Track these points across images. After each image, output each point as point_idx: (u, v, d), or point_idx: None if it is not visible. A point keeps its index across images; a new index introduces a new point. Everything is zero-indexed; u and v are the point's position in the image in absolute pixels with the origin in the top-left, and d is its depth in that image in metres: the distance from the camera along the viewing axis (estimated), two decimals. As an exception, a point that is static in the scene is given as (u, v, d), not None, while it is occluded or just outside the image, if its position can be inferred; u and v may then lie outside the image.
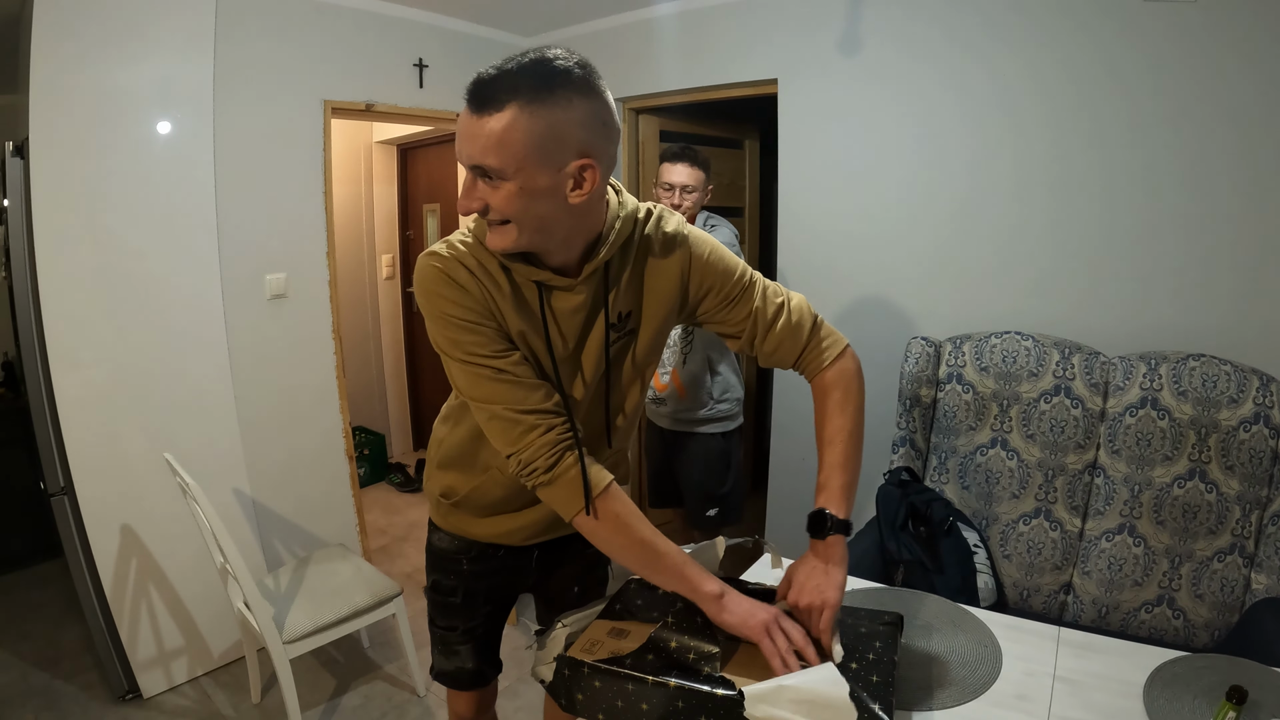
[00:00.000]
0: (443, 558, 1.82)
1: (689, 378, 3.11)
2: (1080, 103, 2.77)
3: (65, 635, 3.52)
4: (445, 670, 1.91)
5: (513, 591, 1.92)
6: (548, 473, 1.37)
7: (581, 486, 1.37)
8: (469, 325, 1.37)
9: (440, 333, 1.39)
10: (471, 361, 1.37)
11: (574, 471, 1.37)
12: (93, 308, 2.85)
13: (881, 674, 1.30)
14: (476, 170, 1.28)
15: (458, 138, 1.28)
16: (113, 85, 2.83)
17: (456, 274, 1.37)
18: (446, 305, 1.36)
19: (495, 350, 1.38)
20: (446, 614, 1.86)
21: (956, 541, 2.51)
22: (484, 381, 1.37)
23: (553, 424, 1.37)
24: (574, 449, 1.39)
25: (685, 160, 3.02)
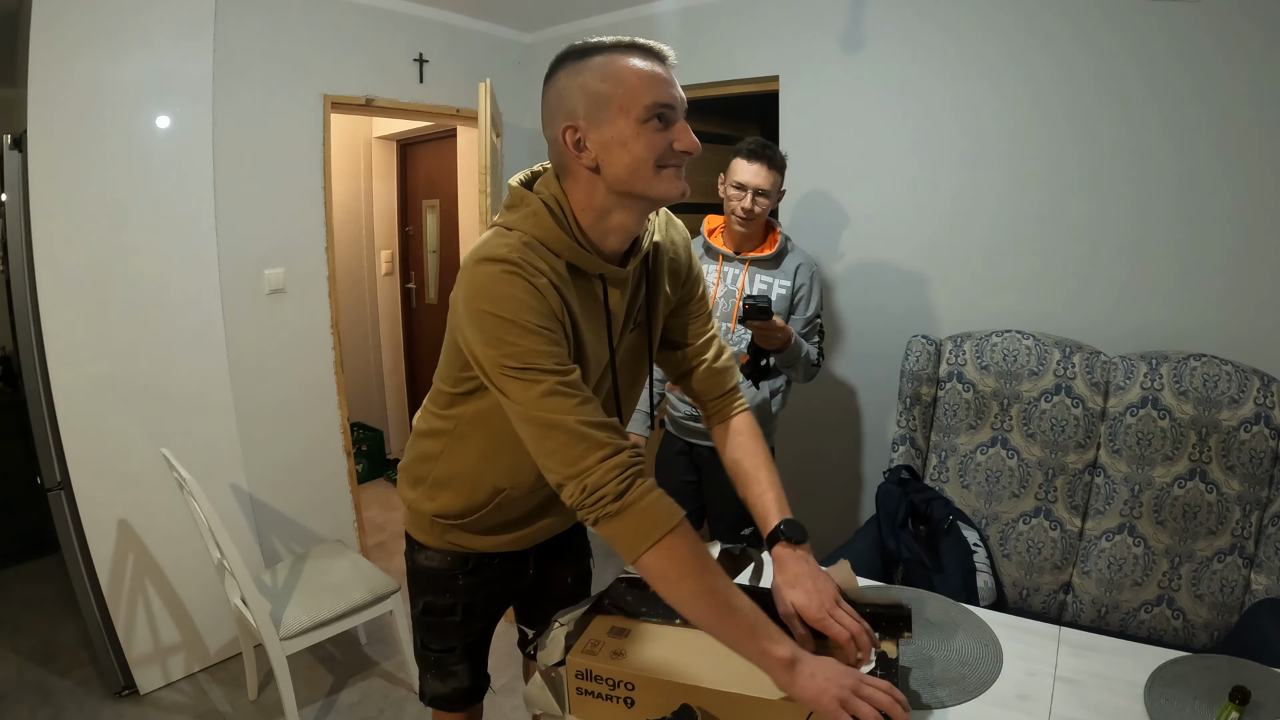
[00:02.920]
0: (435, 577, 1.72)
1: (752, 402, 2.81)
2: (1079, 102, 2.77)
3: (61, 631, 3.51)
4: (441, 694, 1.82)
5: (509, 597, 1.87)
6: (617, 500, 1.24)
7: (654, 518, 1.24)
8: (540, 331, 1.26)
9: (504, 339, 1.26)
10: (534, 369, 1.25)
11: (646, 501, 1.25)
12: (90, 302, 2.85)
13: (883, 670, 1.29)
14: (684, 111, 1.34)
15: (668, 84, 1.31)
16: (111, 79, 2.82)
17: (532, 276, 1.27)
18: (518, 309, 1.25)
19: (562, 360, 1.29)
20: (444, 635, 1.77)
21: (956, 540, 2.50)
22: (546, 391, 1.25)
23: (620, 445, 1.26)
24: (645, 475, 1.28)
25: (763, 160, 2.68)
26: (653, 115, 1.28)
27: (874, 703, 1.16)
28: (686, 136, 1.32)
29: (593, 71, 1.28)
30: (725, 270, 2.82)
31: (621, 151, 1.30)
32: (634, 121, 1.28)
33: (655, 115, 1.28)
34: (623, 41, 1.29)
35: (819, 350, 2.79)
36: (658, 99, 1.27)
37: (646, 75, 1.28)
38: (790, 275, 2.78)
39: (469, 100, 4.05)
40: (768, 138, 3.32)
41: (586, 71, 1.29)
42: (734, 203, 2.72)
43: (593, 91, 1.28)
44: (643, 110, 1.27)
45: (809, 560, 1.46)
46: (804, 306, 2.78)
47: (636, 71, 1.27)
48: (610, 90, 1.27)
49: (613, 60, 1.28)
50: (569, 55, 1.32)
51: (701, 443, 2.94)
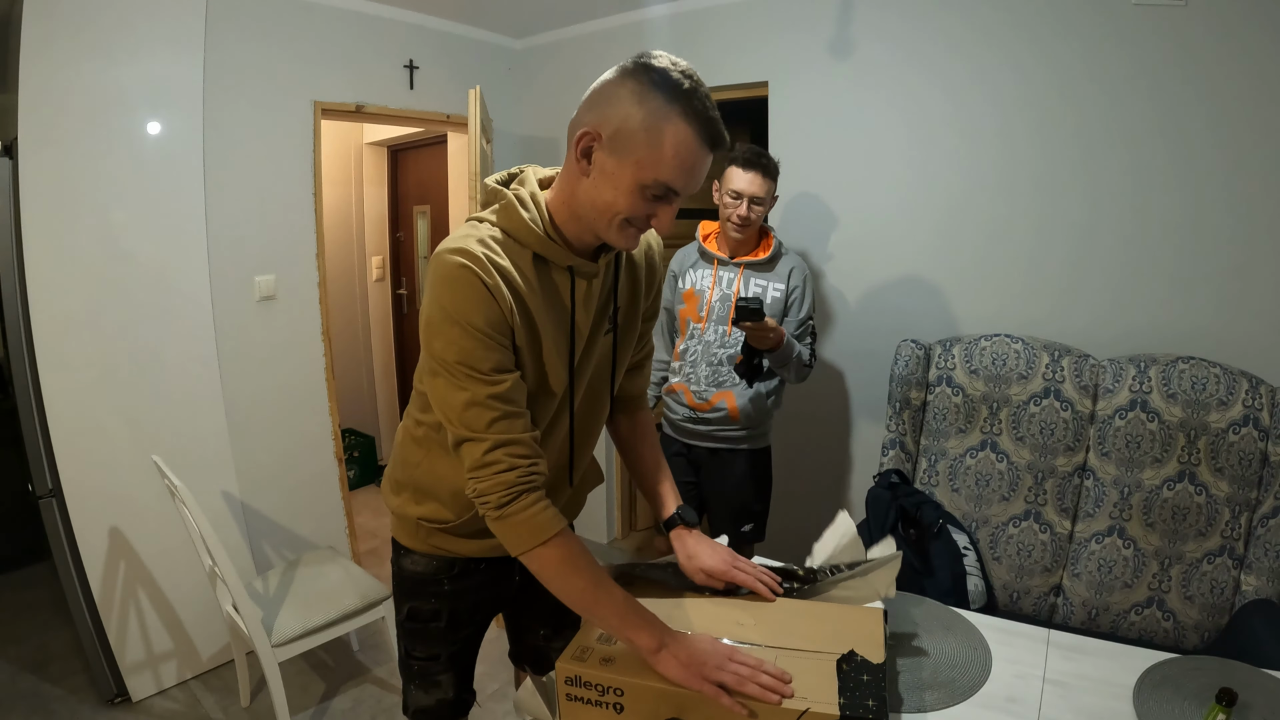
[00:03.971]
0: (420, 582, 1.72)
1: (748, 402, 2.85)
2: (1068, 106, 2.78)
3: (54, 638, 3.50)
4: (425, 707, 1.80)
5: (495, 605, 1.86)
6: (498, 509, 1.35)
7: (528, 531, 1.36)
8: (482, 336, 1.32)
9: (447, 336, 1.33)
10: (465, 373, 1.33)
11: (524, 515, 1.35)
12: (81, 309, 2.84)
13: (872, 674, 1.30)
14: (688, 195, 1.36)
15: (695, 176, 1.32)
16: (102, 85, 2.82)
17: (489, 278, 1.32)
18: (468, 310, 1.31)
19: (496, 368, 1.35)
20: (428, 643, 1.76)
21: (946, 544, 2.51)
22: (468, 401, 1.34)
23: (516, 464, 1.35)
24: (532, 492, 1.36)
25: (758, 169, 2.70)
26: (654, 188, 1.30)
27: (742, 672, 1.28)
28: (665, 219, 1.36)
29: (646, 111, 1.27)
30: (720, 274, 2.84)
31: (608, 188, 1.32)
32: (634, 180, 1.29)
33: (655, 190, 1.30)
34: (698, 109, 1.28)
35: (810, 351, 2.81)
36: (671, 182, 1.29)
37: (681, 154, 1.28)
38: (784, 278, 2.81)
39: (459, 106, 4.06)
40: (757, 143, 3.33)
41: (643, 106, 1.27)
42: (730, 210, 2.75)
43: (631, 127, 1.28)
44: (650, 180, 1.29)
45: (702, 536, 1.70)
46: (797, 308, 2.81)
47: (676, 144, 1.27)
48: (643, 141, 1.27)
49: (669, 117, 1.27)
50: (645, 75, 1.29)
51: (699, 444, 2.96)
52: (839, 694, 1.23)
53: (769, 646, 1.39)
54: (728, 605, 1.58)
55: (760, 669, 1.28)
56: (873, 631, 1.43)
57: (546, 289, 1.43)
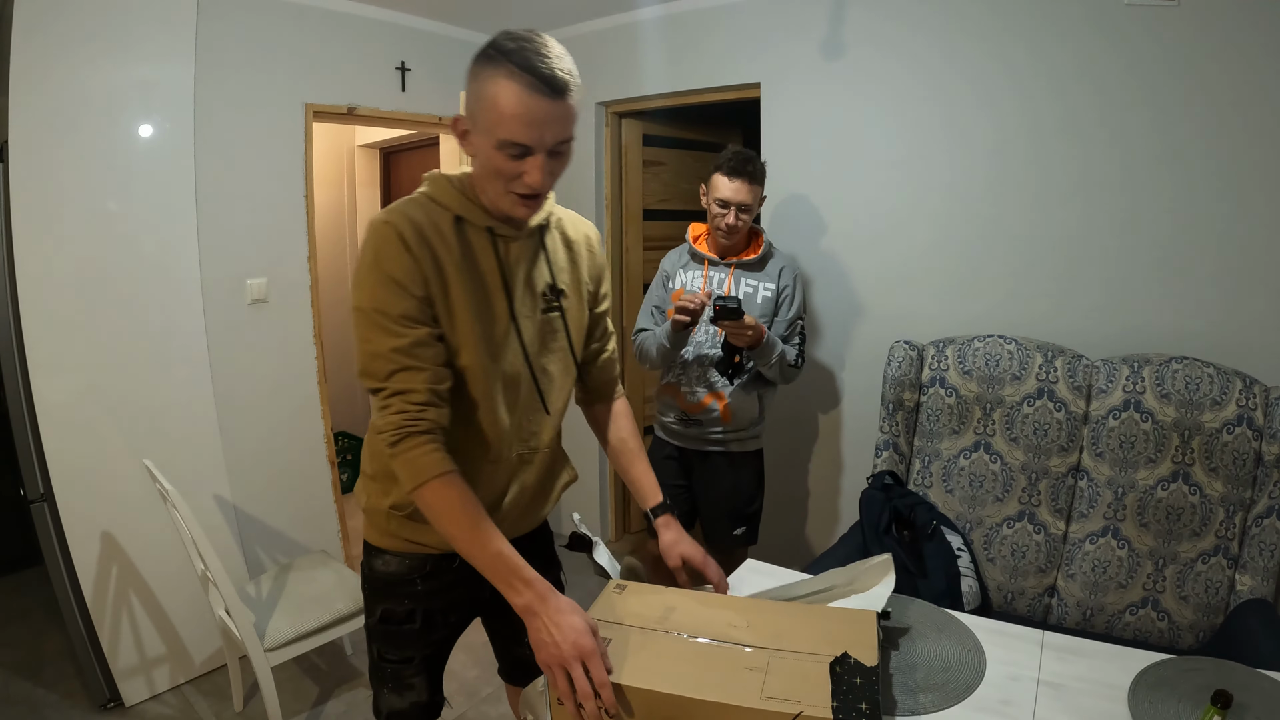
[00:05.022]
0: (392, 583, 1.74)
1: (739, 403, 2.87)
2: (1061, 107, 2.78)
3: (46, 643, 3.49)
4: (398, 709, 1.81)
5: (469, 607, 1.87)
6: (391, 447, 1.46)
7: (416, 469, 1.45)
8: (394, 284, 1.45)
9: (369, 288, 1.46)
10: (376, 322, 1.46)
11: (412, 454, 1.45)
12: (72, 313, 2.83)
13: (865, 676, 1.29)
14: (556, 147, 1.45)
15: (538, 126, 1.39)
16: (93, 88, 2.81)
17: (408, 235, 1.46)
18: (385, 261, 1.45)
19: (405, 315, 1.46)
20: (401, 645, 1.78)
21: (940, 545, 2.51)
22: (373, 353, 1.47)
23: (407, 408, 1.46)
24: (419, 435, 1.46)
25: (744, 176, 2.72)
26: (505, 147, 1.40)
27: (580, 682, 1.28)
28: (532, 175, 1.44)
29: (480, 83, 1.41)
30: (711, 274, 2.84)
31: (481, 161, 1.48)
32: (490, 145, 1.42)
33: (510, 150, 1.41)
34: (522, 63, 1.36)
35: (799, 352, 2.81)
36: (512, 137, 1.39)
37: (513, 109, 1.37)
38: (774, 278, 2.82)
39: (451, 108, 4.05)
40: (750, 144, 3.33)
41: (479, 80, 1.41)
42: (718, 219, 2.77)
43: (474, 100, 1.42)
44: (498, 140, 1.40)
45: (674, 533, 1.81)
46: (786, 308, 2.81)
47: (509, 102, 1.37)
48: (484, 111, 1.40)
49: (497, 81, 1.38)
50: (480, 55, 1.43)
51: (691, 447, 2.96)
52: (832, 697, 1.23)
53: (762, 648, 1.39)
54: (721, 606, 1.58)
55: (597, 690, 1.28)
56: (866, 634, 1.42)
57: (466, 249, 1.55)
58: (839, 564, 1.84)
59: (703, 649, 1.40)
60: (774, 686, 1.27)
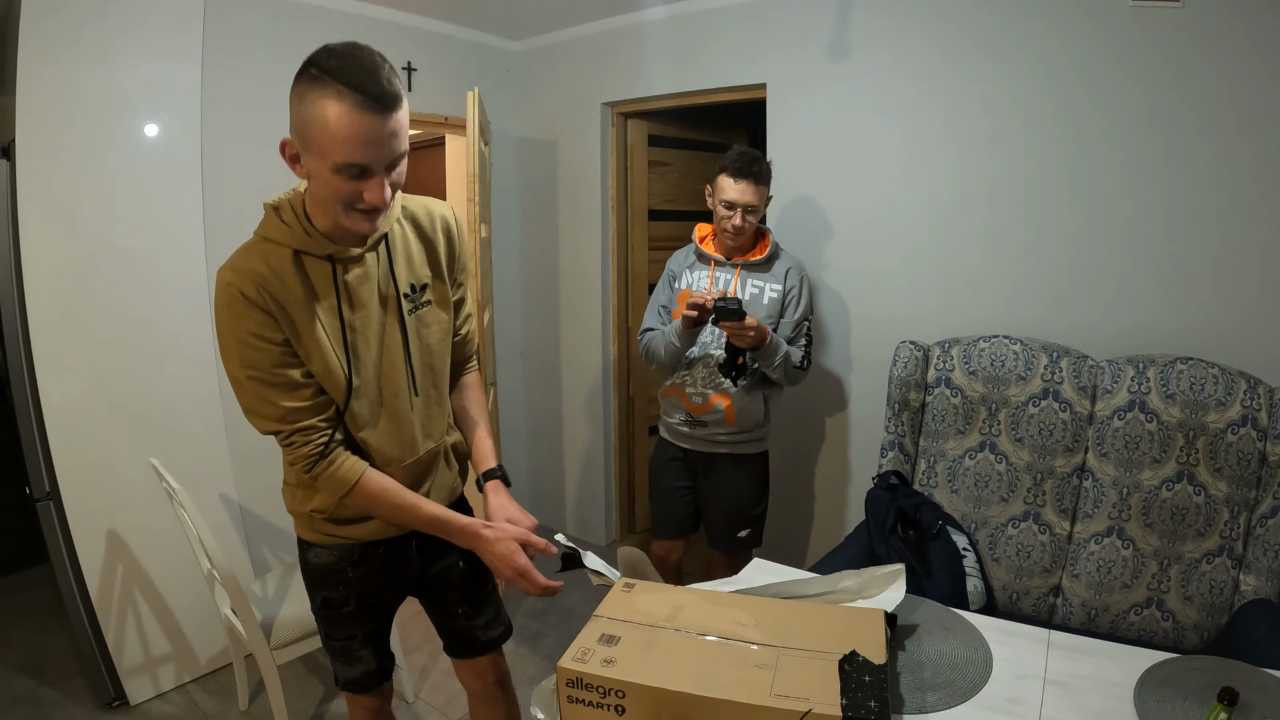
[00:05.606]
0: (325, 572, 1.86)
1: (744, 404, 2.86)
2: (1065, 108, 2.78)
3: (51, 642, 3.50)
4: (352, 679, 1.96)
5: (400, 585, 1.98)
6: (309, 474, 1.66)
7: (334, 484, 1.66)
8: (256, 341, 1.51)
9: (234, 352, 1.53)
10: (251, 377, 1.55)
11: (326, 474, 1.65)
12: (79, 311, 2.84)
13: (874, 674, 1.29)
14: (393, 163, 1.45)
15: (373, 144, 1.39)
16: (100, 87, 2.82)
17: (249, 292, 1.49)
18: (237, 324, 1.51)
19: (275, 365, 1.55)
20: (343, 626, 1.91)
21: (946, 545, 2.51)
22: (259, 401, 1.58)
23: (309, 439, 1.62)
24: (324, 458, 1.64)
25: (750, 178, 2.70)
26: (343, 170, 1.40)
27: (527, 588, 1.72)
28: (373, 193, 1.44)
29: (306, 106, 1.37)
30: (718, 275, 2.84)
31: (317, 183, 1.46)
32: (326, 168, 1.40)
33: (348, 172, 1.40)
34: (346, 81, 1.35)
35: (805, 354, 2.81)
36: (349, 159, 1.38)
37: (345, 131, 1.36)
38: (781, 279, 2.81)
39: (457, 109, 4.05)
40: (756, 144, 3.32)
41: (303, 103, 1.38)
42: (724, 221, 2.77)
43: (301, 125, 1.40)
44: (335, 164, 1.39)
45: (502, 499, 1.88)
46: (793, 309, 2.81)
47: (338, 124, 1.35)
48: (314, 134, 1.38)
49: (323, 103, 1.35)
50: (303, 73, 1.40)
51: (696, 449, 2.96)
52: (841, 695, 1.23)
53: (770, 646, 1.39)
54: (729, 605, 1.58)
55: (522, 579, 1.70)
56: (874, 632, 1.43)
57: (308, 284, 1.57)
58: (845, 564, 1.86)
59: (711, 647, 1.41)
60: (783, 684, 1.27)
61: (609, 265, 4.30)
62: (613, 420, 4.47)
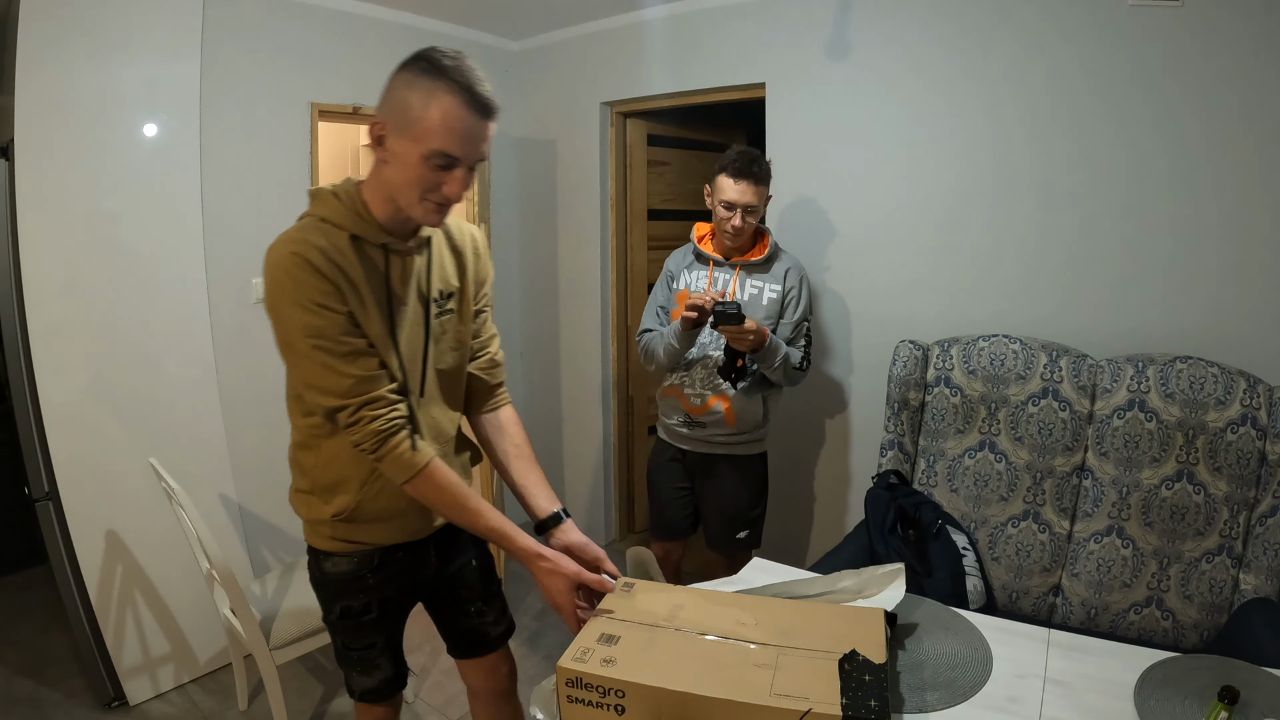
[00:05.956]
0: (344, 581, 1.83)
1: (743, 405, 2.85)
2: (1064, 108, 2.78)
3: (50, 642, 3.50)
4: (370, 688, 1.94)
5: (416, 588, 1.97)
6: (374, 454, 1.59)
7: (400, 467, 1.60)
8: (322, 310, 1.51)
9: (297, 319, 1.52)
10: (317, 346, 1.53)
11: (394, 455, 1.59)
12: (78, 312, 2.84)
13: (874, 674, 1.29)
14: (474, 165, 1.54)
15: (470, 141, 1.49)
16: (99, 87, 2.82)
17: (315, 259, 1.50)
18: (305, 290, 1.50)
19: (344, 333, 1.54)
20: (363, 634, 1.89)
21: (945, 544, 2.51)
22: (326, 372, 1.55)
23: (378, 414, 1.58)
24: (395, 435, 1.59)
25: (749, 178, 2.68)
26: (434, 158, 1.47)
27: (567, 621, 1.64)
28: (454, 187, 1.53)
29: (416, 92, 1.46)
30: (716, 275, 2.83)
31: (400, 167, 1.51)
32: (418, 153, 1.47)
33: (437, 160, 1.48)
34: (460, 80, 1.45)
35: (804, 354, 2.80)
36: (444, 148, 1.47)
37: (450, 123, 1.46)
38: (780, 279, 2.80)
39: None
40: (755, 144, 3.32)
41: (413, 89, 1.46)
42: (723, 221, 2.75)
43: (405, 108, 1.46)
44: (429, 150, 1.47)
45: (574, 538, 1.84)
46: (793, 309, 2.80)
47: (443, 114, 1.45)
48: (416, 118, 1.46)
49: (435, 94, 1.45)
50: (414, 63, 1.48)
51: (694, 450, 2.95)
52: (841, 694, 1.23)
53: (770, 645, 1.39)
54: (729, 604, 1.59)
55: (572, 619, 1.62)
56: (874, 632, 1.43)
57: (365, 265, 1.60)
58: (844, 563, 1.86)
59: (711, 646, 1.41)
60: (783, 684, 1.27)
61: (608, 265, 4.30)
62: (612, 420, 4.47)
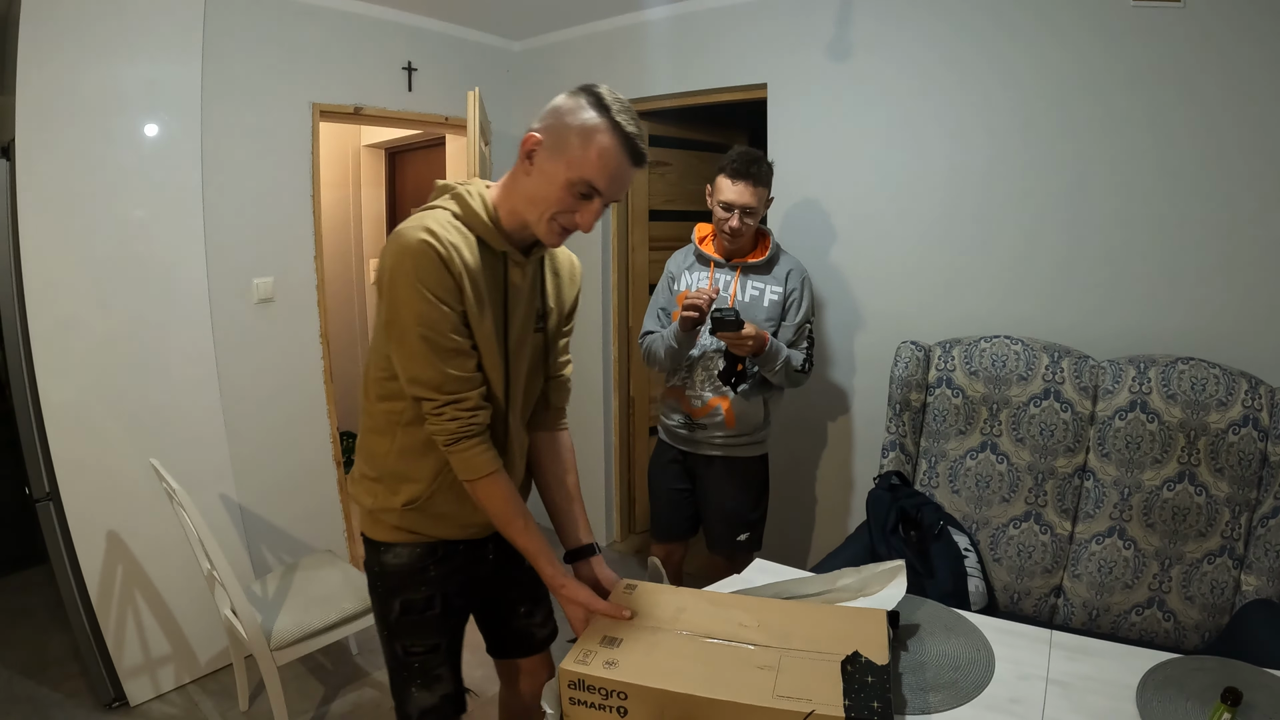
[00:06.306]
0: (406, 574, 1.80)
1: (744, 407, 2.84)
2: (1063, 108, 2.78)
3: (51, 642, 3.49)
4: (430, 706, 1.85)
5: (474, 587, 1.95)
6: (446, 446, 1.63)
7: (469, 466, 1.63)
8: (438, 303, 1.54)
9: (414, 306, 1.53)
10: (423, 336, 1.54)
11: (466, 454, 1.62)
12: (79, 311, 2.84)
13: (876, 675, 1.29)
14: (608, 204, 1.62)
15: (617, 181, 1.58)
16: (100, 87, 2.82)
17: (446, 253, 1.53)
18: (428, 279, 1.52)
19: (453, 330, 1.57)
20: (426, 633, 1.84)
21: (947, 545, 2.51)
22: (425, 364, 1.57)
23: (459, 415, 1.60)
24: (471, 438, 1.62)
25: (748, 179, 2.67)
26: (580, 185, 1.55)
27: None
28: (585, 218, 1.59)
29: (582, 121, 1.53)
30: (717, 276, 2.83)
31: (543, 184, 1.57)
32: (565, 176, 1.54)
33: (582, 188, 1.55)
34: (622, 125, 1.53)
35: (807, 357, 2.79)
36: (593, 181, 1.54)
37: (605, 160, 1.54)
38: (782, 281, 2.79)
39: (458, 108, 4.05)
40: (757, 144, 3.31)
41: (578, 118, 1.54)
42: (722, 222, 2.74)
43: (568, 132, 1.54)
44: (578, 178, 1.54)
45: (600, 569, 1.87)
46: (794, 311, 2.79)
47: (603, 152, 1.53)
48: (576, 145, 1.53)
49: (599, 130, 1.53)
50: (583, 94, 1.57)
51: (695, 451, 2.94)
52: (844, 696, 1.23)
53: (772, 647, 1.39)
54: (731, 606, 1.59)
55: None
56: (876, 633, 1.43)
57: (486, 270, 1.64)
58: (846, 564, 1.85)
59: (713, 648, 1.41)
60: (786, 685, 1.27)
61: (609, 265, 4.30)
62: (613, 420, 4.47)
